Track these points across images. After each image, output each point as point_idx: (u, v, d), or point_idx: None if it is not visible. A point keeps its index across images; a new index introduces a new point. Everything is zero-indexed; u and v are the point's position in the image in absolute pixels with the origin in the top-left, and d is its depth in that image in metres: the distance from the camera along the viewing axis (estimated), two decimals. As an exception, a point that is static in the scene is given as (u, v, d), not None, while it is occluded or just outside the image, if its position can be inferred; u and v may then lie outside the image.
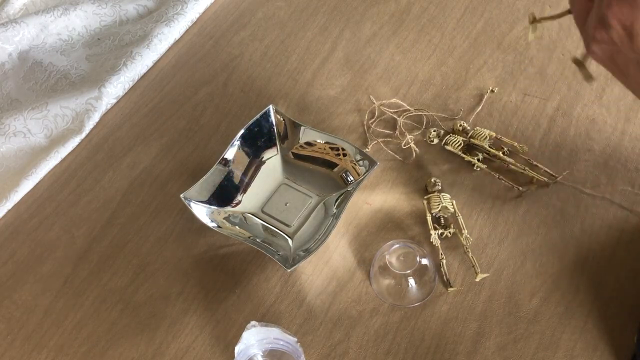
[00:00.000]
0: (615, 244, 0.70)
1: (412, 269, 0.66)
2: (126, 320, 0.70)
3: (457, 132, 0.80)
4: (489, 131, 0.78)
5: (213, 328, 0.69)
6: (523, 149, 0.77)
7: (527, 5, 0.94)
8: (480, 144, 0.77)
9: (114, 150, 0.85)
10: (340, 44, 0.93)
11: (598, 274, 0.69)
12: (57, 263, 0.75)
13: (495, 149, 0.77)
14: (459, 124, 0.80)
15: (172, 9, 0.96)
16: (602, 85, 0.84)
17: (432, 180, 0.75)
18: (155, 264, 0.74)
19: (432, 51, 0.90)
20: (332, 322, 0.68)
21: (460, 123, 0.80)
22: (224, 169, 0.75)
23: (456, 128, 0.80)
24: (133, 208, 0.79)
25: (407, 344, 0.66)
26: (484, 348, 0.65)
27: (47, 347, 0.69)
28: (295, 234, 0.73)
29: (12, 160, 0.84)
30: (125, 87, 0.90)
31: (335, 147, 0.76)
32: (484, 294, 0.68)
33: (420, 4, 0.97)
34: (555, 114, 0.82)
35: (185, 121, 0.87)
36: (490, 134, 0.78)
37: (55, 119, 0.86)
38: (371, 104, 0.85)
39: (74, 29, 0.98)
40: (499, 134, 0.78)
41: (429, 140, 0.80)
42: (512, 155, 0.77)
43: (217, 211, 0.73)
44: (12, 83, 0.93)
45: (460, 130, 0.80)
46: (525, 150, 0.77)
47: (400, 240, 0.70)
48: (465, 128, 0.80)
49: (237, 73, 0.91)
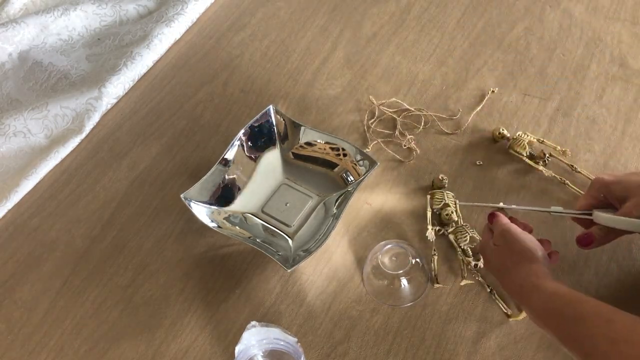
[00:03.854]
0: (616, 244, 0.70)
1: (404, 269, 0.66)
2: (126, 320, 0.70)
3: (497, 137, 0.78)
4: (529, 137, 0.77)
5: (213, 328, 0.69)
6: (566, 153, 0.76)
7: (527, 5, 0.95)
8: (519, 154, 0.76)
9: (114, 150, 0.85)
10: (340, 44, 0.93)
11: (598, 274, 0.69)
12: (57, 263, 0.75)
13: (536, 157, 0.77)
14: (498, 131, 0.78)
15: (172, 9, 0.96)
16: (602, 85, 0.84)
17: (440, 176, 0.75)
18: (155, 264, 0.74)
19: (432, 51, 0.90)
20: (333, 322, 0.68)
21: (500, 130, 0.78)
22: (224, 169, 0.75)
23: (496, 135, 0.78)
24: (133, 208, 0.79)
25: (408, 344, 0.66)
26: (484, 348, 0.65)
27: (47, 347, 0.69)
28: (296, 234, 0.73)
29: (12, 160, 0.84)
30: (125, 87, 0.90)
31: (335, 147, 0.76)
32: (484, 294, 0.68)
33: (420, 4, 0.97)
34: (555, 114, 0.82)
35: (185, 121, 0.87)
36: (531, 140, 0.77)
37: (55, 119, 0.86)
38: (371, 104, 0.85)
39: (74, 29, 0.98)
40: (541, 137, 0.78)
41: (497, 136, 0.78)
42: (552, 164, 0.76)
43: (217, 211, 0.73)
44: (12, 83, 0.93)
45: (500, 136, 0.78)
46: (569, 154, 0.76)
47: (393, 240, 0.70)
48: (505, 135, 0.78)
49: (237, 73, 0.91)
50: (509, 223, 0.65)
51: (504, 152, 0.79)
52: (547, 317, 0.55)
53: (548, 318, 0.54)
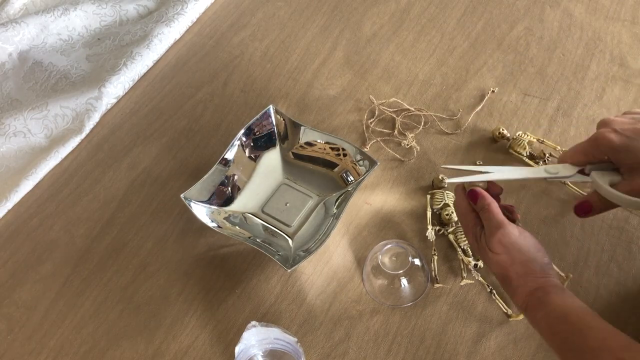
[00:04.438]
0: (616, 243, 0.70)
1: (404, 269, 0.66)
2: (126, 320, 0.70)
3: (497, 137, 0.78)
4: (529, 137, 0.77)
5: (213, 328, 0.69)
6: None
7: (527, 5, 0.95)
8: (519, 154, 0.76)
9: (114, 150, 0.85)
10: (340, 44, 0.93)
11: (598, 274, 0.69)
12: (57, 263, 0.75)
13: (536, 157, 0.77)
14: (498, 131, 0.78)
15: (172, 9, 0.96)
16: (602, 85, 0.84)
17: (440, 176, 0.75)
18: (155, 264, 0.74)
19: (432, 51, 0.90)
20: (333, 322, 0.68)
21: (500, 130, 0.78)
22: (224, 169, 0.75)
23: (496, 135, 0.78)
24: (133, 208, 0.79)
25: (408, 344, 0.66)
26: (484, 348, 0.65)
27: (48, 347, 0.69)
28: (296, 234, 0.73)
29: (12, 160, 0.84)
30: (125, 87, 0.90)
31: (335, 147, 0.76)
32: (484, 294, 0.68)
33: (420, 4, 0.97)
34: (555, 114, 0.82)
35: (186, 121, 0.87)
36: (531, 140, 0.77)
37: (55, 119, 0.86)
38: (371, 103, 0.85)
39: (74, 29, 0.98)
40: (541, 137, 0.78)
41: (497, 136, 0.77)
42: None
43: (217, 211, 0.73)
44: (12, 83, 0.93)
45: (500, 136, 0.78)
46: None
47: (393, 240, 0.70)
48: (505, 135, 0.78)
49: (237, 73, 0.91)
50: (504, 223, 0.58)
51: (504, 152, 0.79)
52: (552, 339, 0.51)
53: (553, 341, 0.51)
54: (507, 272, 0.57)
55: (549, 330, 0.51)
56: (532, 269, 0.55)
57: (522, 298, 0.55)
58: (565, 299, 0.52)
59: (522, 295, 0.55)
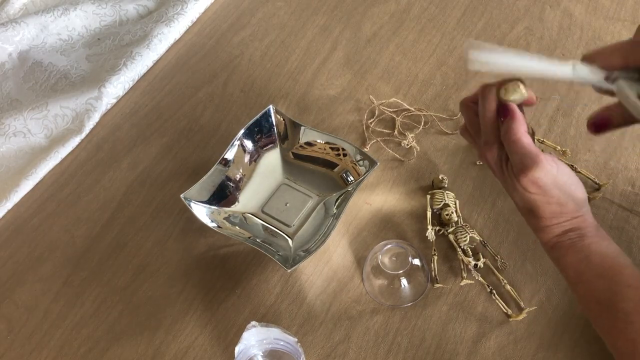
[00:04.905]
0: (616, 243, 0.70)
1: (404, 269, 0.66)
2: (126, 320, 0.70)
3: None
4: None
5: (213, 328, 0.69)
6: (566, 153, 0.76)
7: (527, 5, 0.95)
8: None
9: (114, 150, 0.85)
10: (340, 44, 0.93)
11: (598, 274, 0.69)
12: (57, 263, 0.75)
13: None
14: None
15: (172, 9, 0.96)
16: (602, 85, 0.84)
17: (440, 176, 0.75)
18: (155, 264, 0.74)
19: (432, 51, 0.90)
20: (333, 322, 0.68)
21: None
22: (224, 169, 0.75)
23: None
24: (133, 208, 0.79)
25: (408, 344, 0.66)
26: (484, 348, 0.65)
27: (47, 347, 0.69)
28: (296, 234, 0.73)
29: (12, 160, 0.84)
30: (125, 87, 0.90)
31: (335, 147, 0.76)
32: (484, 294, 0.68)
33: (420, 4, 0.97)
34: (555, 114, 0.82)
35: (186, 121, 0.87)
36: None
37: (55, 119, 0.86)
38: (371, 103, 0.85)
39: (74, 29, 0.98)
40: (541, 137, 0.77)
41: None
42: None
43: (217, 211, 0.73)
44: (12, 83, 0.93)
45: None
46: (569, 154, 0.76)
47: (393, 240, 0.70)
48: None
49: (237, 73, 0.91)
50: (540, 159, 0.48)
51: (504, 152, 0.79)
52: (576, 285, 0.47)
53: (577, 286, 0.47)
54: (538, 211, 0.51)
55: (577, 277, 0.48)
56: (568, 207, 0.50)
57: (551, 238, 0.51)
58: (601, 245, 0.48)
59: (551, 235, 0.51)
